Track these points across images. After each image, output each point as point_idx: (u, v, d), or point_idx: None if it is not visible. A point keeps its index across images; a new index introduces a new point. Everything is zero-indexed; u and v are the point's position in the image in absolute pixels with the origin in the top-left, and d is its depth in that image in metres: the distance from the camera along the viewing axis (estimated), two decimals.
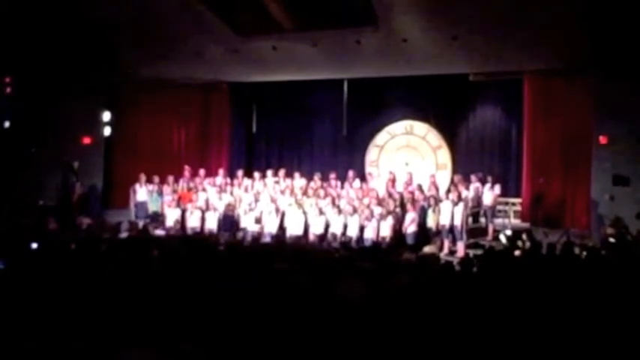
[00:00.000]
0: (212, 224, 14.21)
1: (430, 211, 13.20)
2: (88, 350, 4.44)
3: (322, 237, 13.28)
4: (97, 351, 4.43)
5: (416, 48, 13.78)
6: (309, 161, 17.70)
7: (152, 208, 15.09)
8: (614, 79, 12.88)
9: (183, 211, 14.56)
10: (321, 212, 13.68)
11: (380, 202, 13.68)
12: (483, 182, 14.07)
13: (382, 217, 13.09)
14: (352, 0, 12.40)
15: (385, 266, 6.93)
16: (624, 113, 12.88)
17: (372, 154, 17.21)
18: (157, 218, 14.86)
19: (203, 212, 14.42)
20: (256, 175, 15.76)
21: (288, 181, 15.39)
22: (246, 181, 15.54)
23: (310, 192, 14.63)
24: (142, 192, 15.21)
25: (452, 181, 14.86)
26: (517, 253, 9.78)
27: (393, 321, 4.71)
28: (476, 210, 14.06)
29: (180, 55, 15.13)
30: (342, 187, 14.96)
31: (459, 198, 13.13)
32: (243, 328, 4.69)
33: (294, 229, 13.66)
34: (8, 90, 15.31)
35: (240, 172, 15.98)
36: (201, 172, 15.90)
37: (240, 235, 13.92)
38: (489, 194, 13.85)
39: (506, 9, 12.01)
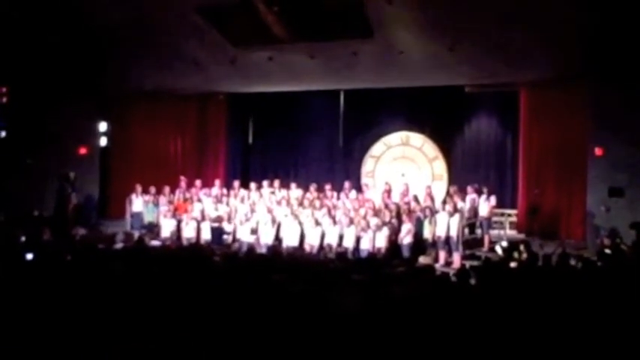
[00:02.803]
0: (208, 235, 14.18)
1: (426, 222, 13.17)
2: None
3: (318, 248, 13.26)
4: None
5: (412, 60, 13.83)
6: (305, 172, 17.69)
7: (148, 218, 15.05)
8: (610, 90, 12.94)
9: (179, 222, 14.53)
10: (317, 223, 13.66)
11: (376, 213, 13.68)
12: (479, 193, 14.08)
13: (378, 227, 13.08)
14: (348, 12, 12.43)
15: (380, 278, 6.92)
16: (619, 124, 12.91)
17: (368, 164, 17.23)
18: (153, 229, 14.81)
19: (199, 223, 14.39)
20: (252, 185, 15.73)
21: (284, 191, 15.36)
22: (243, 192, 15.49)
23: (306, 203, 14.61)
24: (137, 202, 15.19)
25: (448, 192, 14.87)
26: (513, 264, 9.77)
27: (389, 333, 4.70)
28: (472, 221, 14.06)
29: (177, 66, 15.14)
30: (338, 198, 14.93)
31: (455, 209, 13.11)
32: (240, 339, 4.68)
33: (290, 240, 13.63)
34: (4, 100, 15.30)
35: (236, 183, 15.95)
36: (198, 182, 15.88)
37: (235, 245, 13.89)
38: (485, 205, 13.85)
39: (501, 21, 12.06)
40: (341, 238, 13.34)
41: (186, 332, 4.80)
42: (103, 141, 17.14)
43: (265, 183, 15.75)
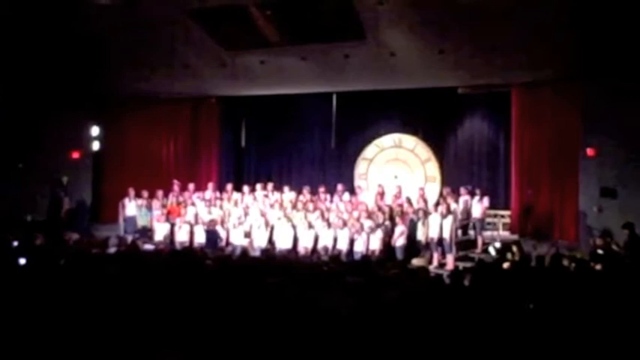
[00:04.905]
0: (201, 239, 14.16)
1: (419, 224, 13.19)
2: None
3: (312, 251, 13.27)
4: None
5: (404, 62, 13.83)
6: (298, 175, 17.70)
7: (141, 222, 15.05)
8: (601, 91, 12.99)
9: (173, 226, 14.51)
10: (310, 226, 13.67)
11: (369, 215, 13.69)
12: (472, 195, 14.10)
13: (371, 230, 13.08)
14: (340, 14, 12.44)
15: (374, 280, 6.92)
16: (611, 125, 12.95)
17: (361, 167, 17.23)
18: (146, 233, 14.80)
19: (192, 226, 14.37)
20: (245, 188, 15.74)
21: (278, 194, 15.37)
22: (236, 195, 15.49)
23: (299, 205, 14.61)
24: (130, 207, 15.17)
25: (441, 194, 14.90)
26: (506, 265, 9.79)
27: (383, 335, 4.70)
28: (465, 222, 14.09)
29: (169, 70, 15.10)
30: (332, 201, 14.96)
31: (448, 210, 13.14)
32: (233, 342, 4.67)
33: (283, 243, 13.65)
34: None
35: (229, 186, 15.93)
36: (191, 186, 15.87)
37: (229, 249, 13.88)
38: (478, 207, 13.88)
39: (493, 22, 12.08)
40: (334, 240, 13.34)
41: (180, 336, 4.79)
42: (96, 145, 17.08)
43: (258, 186, 15.77)
